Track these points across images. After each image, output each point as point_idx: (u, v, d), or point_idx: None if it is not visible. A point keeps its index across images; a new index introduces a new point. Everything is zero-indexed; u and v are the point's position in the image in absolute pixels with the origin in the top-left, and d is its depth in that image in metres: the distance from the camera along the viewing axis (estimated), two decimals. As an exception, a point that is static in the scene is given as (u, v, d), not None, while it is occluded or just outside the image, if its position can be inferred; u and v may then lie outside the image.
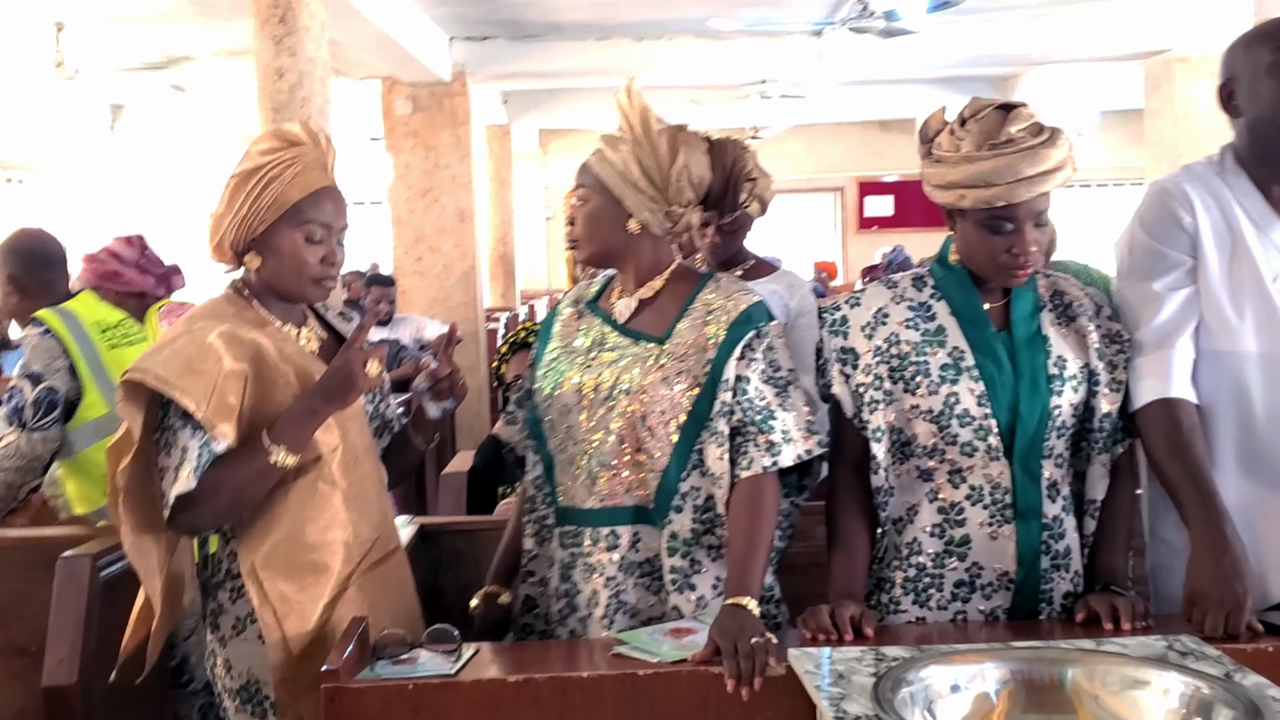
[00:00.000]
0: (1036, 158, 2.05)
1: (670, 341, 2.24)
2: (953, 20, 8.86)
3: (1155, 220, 2.25)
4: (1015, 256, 2.09)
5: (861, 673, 1.78)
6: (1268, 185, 2.21)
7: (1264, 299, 2.18)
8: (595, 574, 2.23)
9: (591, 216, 2.29)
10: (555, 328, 2.39)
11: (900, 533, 2.20)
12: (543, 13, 8.85)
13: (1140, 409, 2.17)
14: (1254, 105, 2.18)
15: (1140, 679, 1.72)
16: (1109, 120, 15.50)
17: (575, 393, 2.26)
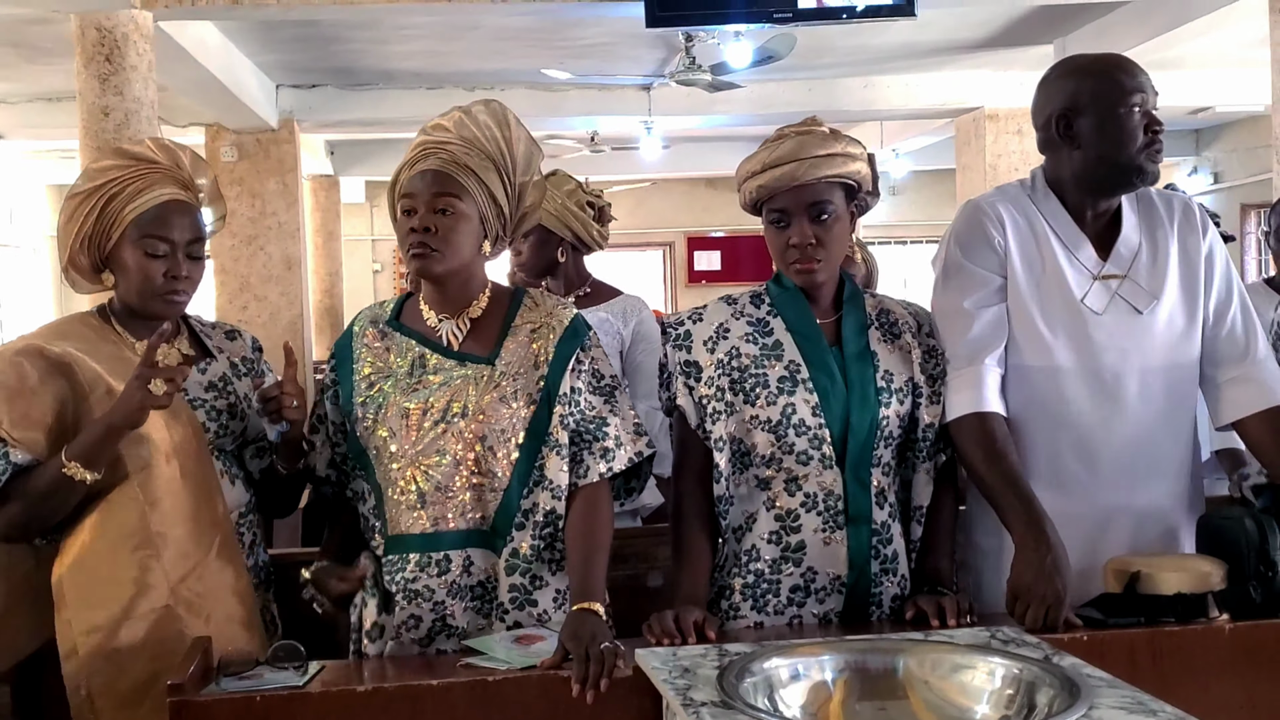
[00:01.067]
0: (804, 147, 2.23)
1: (500, 361, 2.24)
2: (775, 78, 9.20)
3: (968, 239, 2.38)
4: (795, 248, 2.23)
5: (706, 667, 1.83)
6: (1081, 209, 2.36)
7: (1075, 316, 2.32)
8: (419, 599, 2.19)
9: (459, 229, 2.22)
10: (358, 350, 2.30)
11: (740, 540, 2.28)
12: (375, 60, 8.86)
13: (954, 421, 2.29)
14: (1100, 141, 2.29)
15: (966, 664, 1.81)
16: (922, 178, 16.18)
17: (402, 417, 2.21)
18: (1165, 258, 2.35)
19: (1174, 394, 2.35)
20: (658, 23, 5.63)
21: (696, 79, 7.67)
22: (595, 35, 8.11)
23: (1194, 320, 2.36)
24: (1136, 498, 2.34)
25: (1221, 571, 2.14)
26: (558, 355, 2.24)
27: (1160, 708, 1.61)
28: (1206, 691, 2.04)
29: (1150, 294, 2.33)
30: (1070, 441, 2.33)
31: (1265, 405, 2.31)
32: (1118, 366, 2.31)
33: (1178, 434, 2.38)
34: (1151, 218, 2.39)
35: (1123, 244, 2.35)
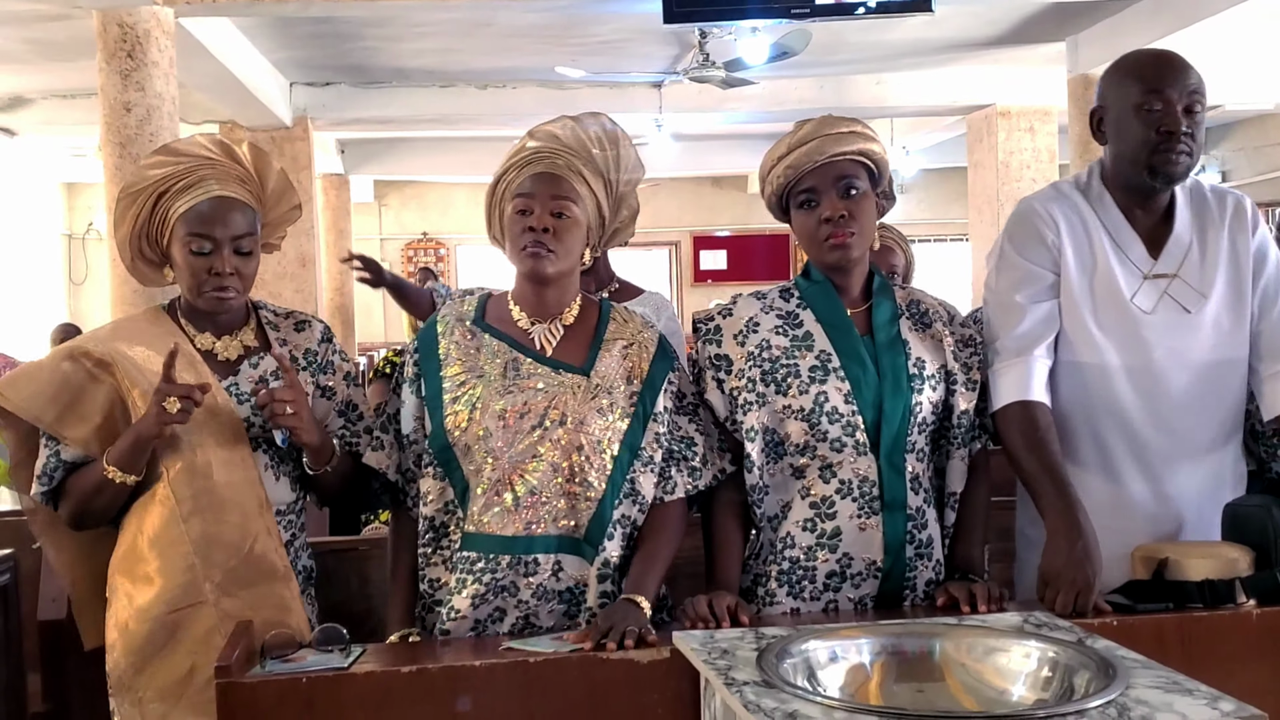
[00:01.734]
0: (826, 125, 2.30)
1: (595, 374, 2.26)
2: (787, 75, 9.21)
3: (1021, 237, 2.43)
4: (828, 223, 2.26)
5: (744, 648, 1.86)
6: (1130, 208, 2.40)
7: (1124, 315, 2.36)
8: (508, 596, 2.21)
9: (572, 233, 2.26)
10: (447, 348, 2.30)
11: (775, 529, 2.31)
12: (388, 59, 8.90)
13: (1000, 410, 2.33)
14: (1118, 139, 2.37)
15: (1002, 647, 1.84)
16: (931, 177, 16.20)
17: (499, 418, 2.21)
18: (1215, 256, 2.38)
19: (1220, 390, 2.39)
20: (675, 18, 5.66)
21: (710, 75, 7.70)
22: (608, 32, 8.14)
23: (1241, 318, 2.39)
24: (1178, 487, 2.38)
25: (1248, 558, 2.17)
26: (652, 374, 2.29)
27: (1195, 686, 1.64)
28: (1233, 676, 2.05)
29: (1199, 293, 2.36)
30: (1118, 436, 2.37)
31: None
32: (1166, 364, 2.35)
33: (1223, 429, 2.41)
34: (1204, 215, 2.42)
35: (1174, 243, 2.38)
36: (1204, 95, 2.32)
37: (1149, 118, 2.30)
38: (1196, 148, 2.31)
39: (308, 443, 2.29)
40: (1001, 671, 1.82)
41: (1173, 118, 2.29)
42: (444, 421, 2.25)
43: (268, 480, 2.36)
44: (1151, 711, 1.56)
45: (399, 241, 17.39)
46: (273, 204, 2.41)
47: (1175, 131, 2.28)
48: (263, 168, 2.39)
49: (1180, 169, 2.31)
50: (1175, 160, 2.29)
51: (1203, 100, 2.32)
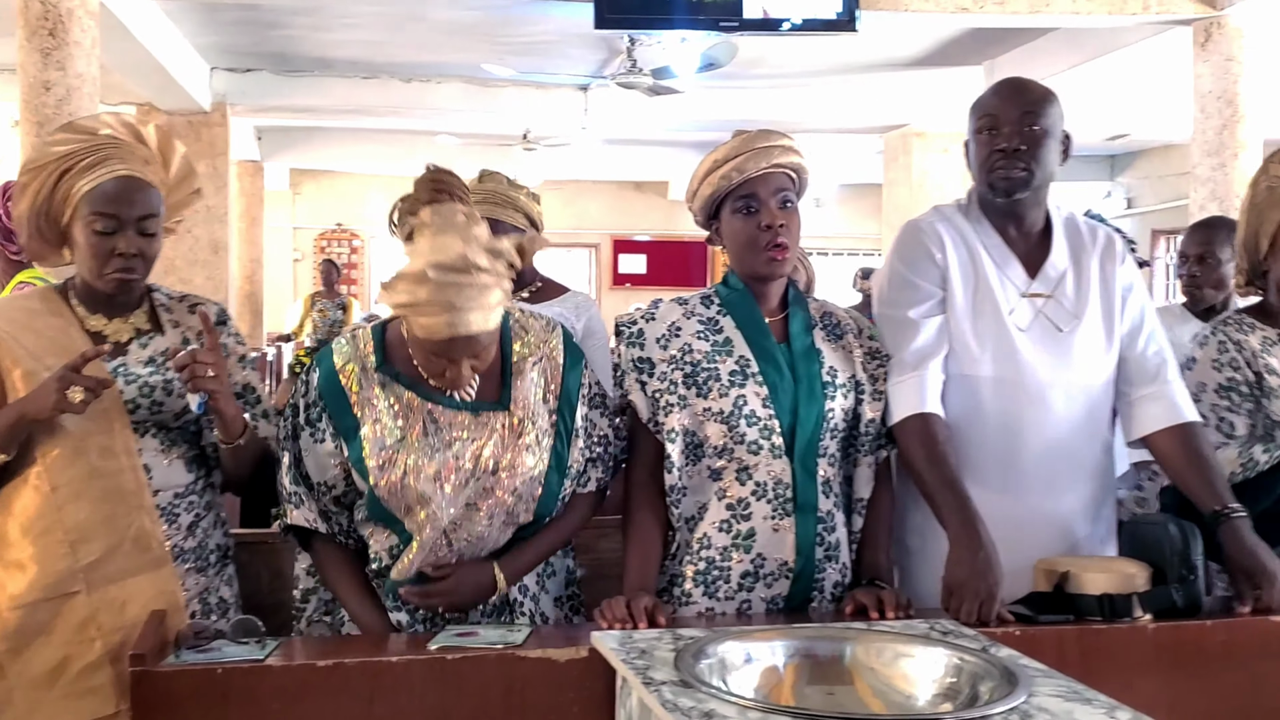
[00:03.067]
0: (767, 137, 2.37)
1: (514, 405, 2.25)
2: (712, 86, 9.29)
3: (910, 254, 2.52)
4: (768, 231, 2.32)
5: (661, 648, 1.89)
6: (1005, 229, 2.52)
7: (1001, 329, 2.46)
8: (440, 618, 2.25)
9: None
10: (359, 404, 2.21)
11: (692, 529, 2.35)
12: (312, 48, 8.82)
13: (898, 424, 2.40)
14: (972, 163, 2.52)
15: (909, 653, 1.90)
16: (847, 193, 16.42)
17: (434, 481, 2.18)
18: (1088, 282, 2.51)
19: (1090, 408, 2.49)
20: (606, 24, 5.70)
21: (637, 82, 7.74)
22: (538, 33, 8.15)
23: (1110, 342, 2.50)
24: (1055, 503, 2.47)
25: (1145, 574, 2.25)
26: (567, 387, 2.30)
27: (1094, 696, 1.70)
28: (1129, 688, 2.12)
29: (1072, 314, 2.48)
30: (996, 448, 2.46)
31: (1174, 421, 2.46)
32: (1040, 380, 2.45)
33: (1094, 444, 2.52)
34: (1077, 244, 2.54)
35: (1050, 265, 2.50)
36: (1043, 114, 2.43)
37: (986, 140, 2.45)
38: (1037, 164, 2.43)
39: (224, 409, 2.24)
40: (909, 677, 1.86)
41: (1005, 136, 2.42)
42: (376, 487, 2.20)
43: (159, 463, 2.31)
44: (1052, 719, 1.62)
45: (312, 231, 17.19)
46: (174, 186, 2.37)
47: (1007, 148, 2.41)
48: (167, 149, 2.35)
49: (1017, 182, 2.43)
50: (1009, 175, 2.42)
51: (1041, 119, 2.43)
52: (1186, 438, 2.44)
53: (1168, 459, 2.47)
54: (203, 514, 2.40)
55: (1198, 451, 2.43)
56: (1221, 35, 7.00)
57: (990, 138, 2.44)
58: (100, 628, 2.18)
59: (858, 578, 2.39)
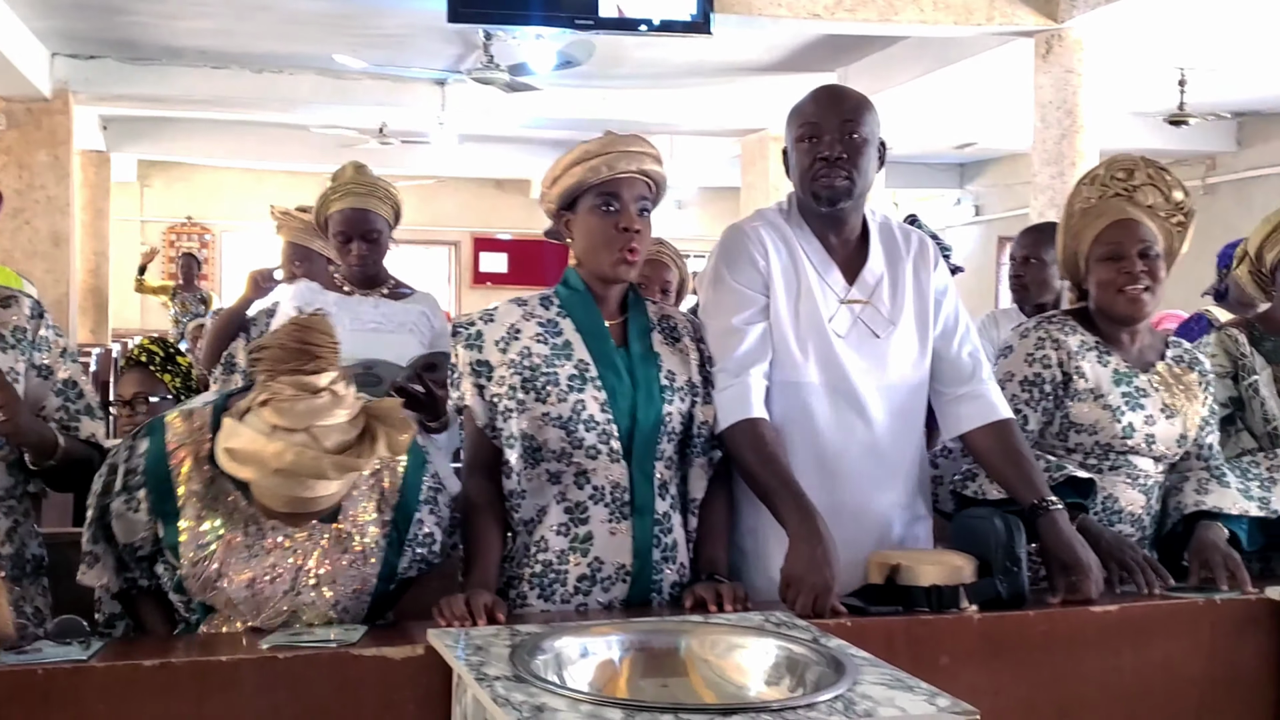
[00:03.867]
0: (638, 142, 2.37)
1: (341, 516, 2.17)
2: (571, 84, 9.30)
3: (734, 260, 2.55)
4: (624, 233, 2.33)
5: (498, 645, 1.89)
6: (825, 235, 2.56)
7: (823, 337, 2.51)
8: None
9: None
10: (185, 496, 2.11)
11: (531, 533, 2.35)
12: (160, 35, 8.58)
13: (726, 430, 2.42)
14: (793, 172, 2.55)
15: (742, 644, 1.93)
16: (707, 195, 16.59)
17: (247, 588, 2.11)
18: (903, 287, 2.57)
19: (907, 409, 2.57)
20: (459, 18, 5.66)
21: (494, 78, 7.71)
22: (392, 26, 8.06)
23: (925, 345, 2.58)
24: (875, 500, 2.54)
25: (972, 566, 2.33)
26: (402, 503, 2.22)
27: (916, 684, 1.75)
28: (955, 677, 2.19)
29: (889, 320, 2.54)
30: (817, 450, 2.50)
31: (989, 419, 2.54)
32: (859, 385, 2.51)
33: (910, 444, 2.60)
34: (893, 249, 2.60)
35: (868, 272, 2.56)
36: (862, 122, 2.48)
37: (808, 149, 2.48)
38: (857, 172, 2.47)
39: (24, 443, 2.17)
40: (741, 667, 1.90)
41: (826, 144, 2.46)
42: (185, 577, 2.12)
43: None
44: (874, 706, 1.66)
45: (161, 224, 16.71)
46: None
47: (829, 157, 2.45)
48: None
49: (840, 190, 2.47)
50: (832, 183, 2.46)
51: (860, 127, 2.47)
52: (1003, 435, 2.52)
53: (985, 456, 2.55)
54: (21, 520, 2.33)
55: (1015, 448, 2.51)
56: (1062, 47, 7.25)
57: (811, 146, 2.47)
58: None
59: (696, 574, 2.41)
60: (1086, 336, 2.75)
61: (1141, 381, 2.71)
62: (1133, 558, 2.49)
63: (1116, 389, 2.68)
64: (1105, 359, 2.72)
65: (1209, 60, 8.78)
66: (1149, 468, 2.71)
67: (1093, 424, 2.67)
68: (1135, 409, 2.67)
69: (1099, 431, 2.67)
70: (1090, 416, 2.67)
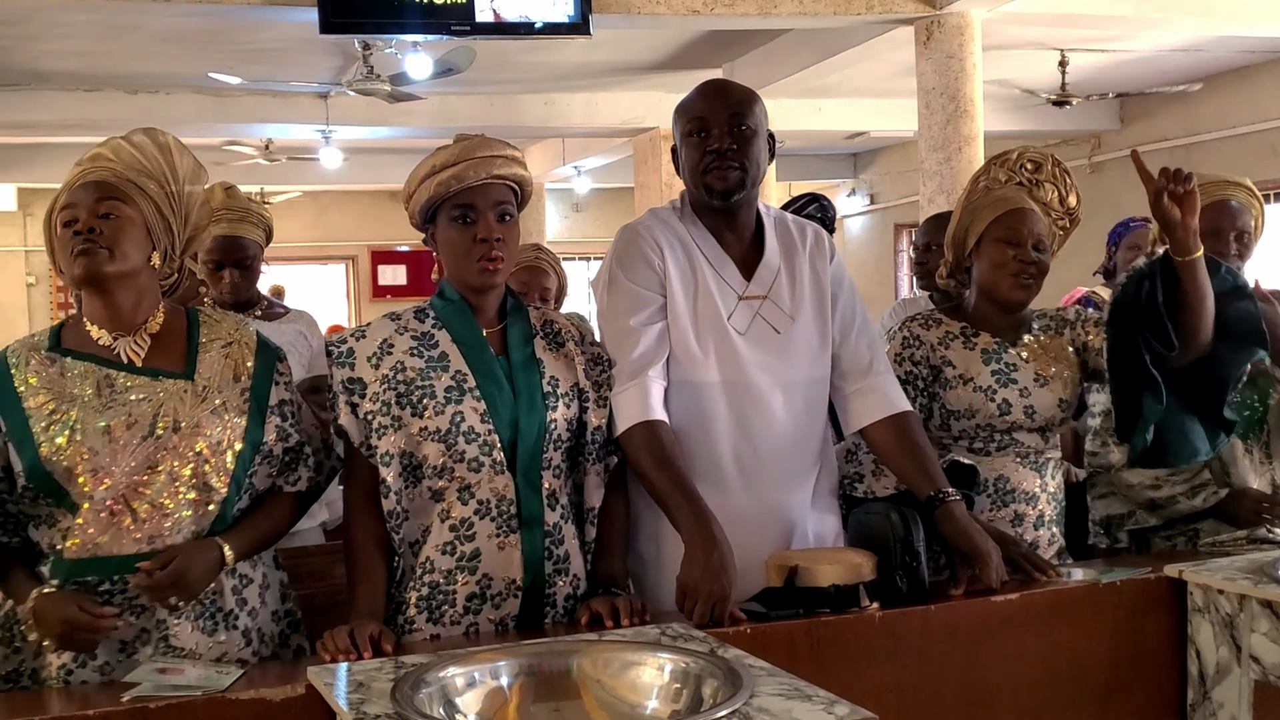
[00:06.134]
0: (489, 146, 2.30)
1: (199, 376, 2.20)
2: (456, 91, 9.19)
3: (629, 261, 2.49)
4: (483, 243, 2.26)
5: (381, 680, 1.81)
6: (720, 231, 2.51)
7: (722, 334, 2.46)
8: (145, 614, 2.13)
9: (126, 232, 2.16)
10: (21, 379, 2.16)
11: (415, 554, 2.26)
12: (24, 59, 8.30)
13: (624, 433, 2.36)
14: (683, 169, 2.50)
15: (637, 661, 1.87)
16: (602, 196, 16.55)
17: (103, 435, 2.11)
18: (801, 281, 2.53)
19: (810, 405, 2.53)
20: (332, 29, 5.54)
21: (375, 89, 7.58)
22: (267, 40, 7.88)
23: (825, 339, 2.54)
24: (781, 498, 2.49)
25: (872, 563, 2.29)
26: (258, 368, 2.26)
27: (815, 692, 1.70)
28: (861, 676, 2.17)
29: (788, 315, 2.50)
30: (722, 449, 2.46)
31: (887, 413, 2.51)
32: (761, 382, 2.46)
33: (814, 440, 2.56)
34: (788, 243, 2.56)
35: (764, 267, 2.51)
36: (750, 113, 2.45)
37: (697, 143, 2.44)
38: (749, 162, 2.43)
39: None
40: (635, 686, 1.84)
41: (714, 138, 2.42)
42: (39, 451, 2.11)
43: None
44: (771, 719, 1.60)
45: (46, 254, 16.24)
46: None
47: (719, 150, 2.41)
48: None
49: (731, 183, 2.43)
50: (725, 176, 2.42)
51: (748, 119, 2.44)
52: (900, 428, 2.49)
53: (883, 449, 2.52)
54: None
55: (912, 440, 2.48)
56: (942, 33, 7.30)
57: (700, 140, 2.43)
58: None
59: (593, 587, 2.34)
60: (951, 325, 2.77)
61: (1010, 356, 2.73)
62: (1015, 552, 2.48)
63: (986, 369, 2.70)
64: (971, 341, 2.74)
65: (1088, 41, 8.92)
66: (1035, 442, 2.72)
67: (968, 408, 2.68)
68: (1007, 384, 2.69)
69: (976, 414, 2.68)
70: (964, 401, 2.69)
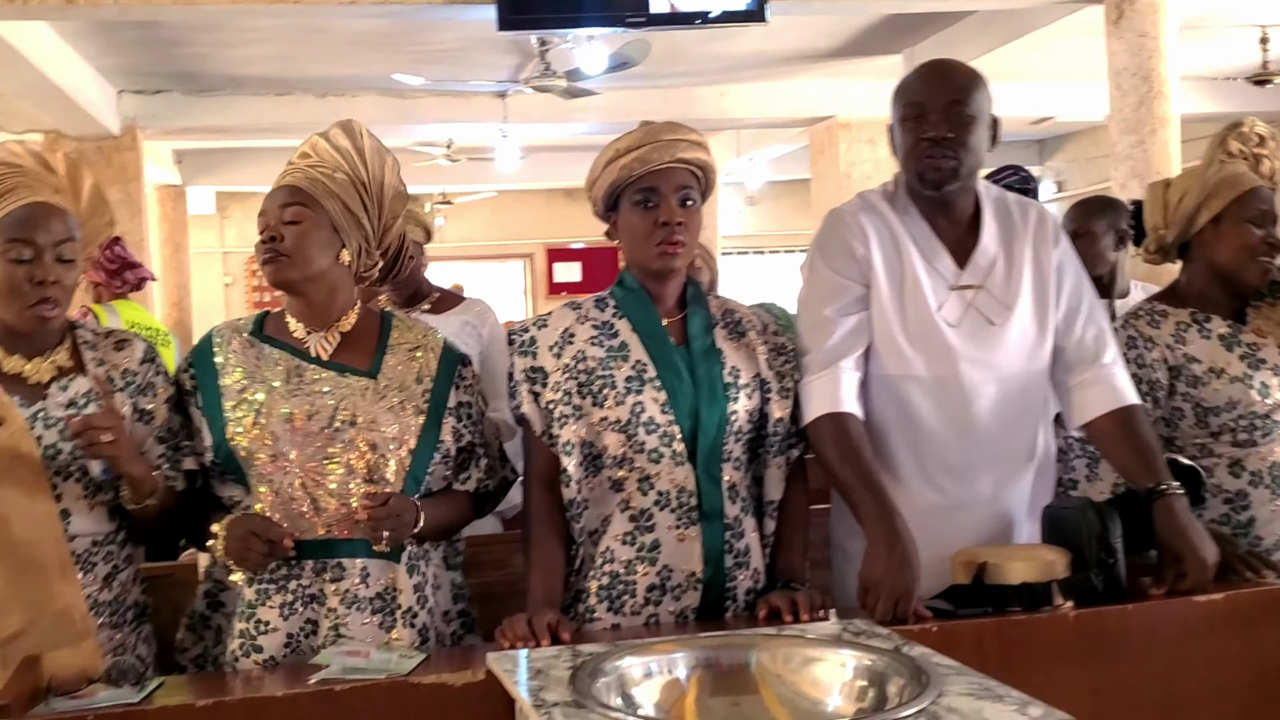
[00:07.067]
0: (674, 130, 2.28)
1: (381, 376, 2.27)
2: (631, 86, 9.22)
3: (831, 249, 2.42)
4: (664, 227, 2.23)
5: (559, 667, 1.80)
6: (934, 217, 2.41)
7: (931, 327, 2.36)
8: (317, 605, 2.18)
9: (309, 237, 2.23)
10: (225, 357, 2.28)
11: (595, 543, 2.26)
12: (220, 66, 8.64)
13: (811, 423, 2.31)
14: (898, 152, 2.41)
15: (818, 657, 1.82)
16: (776, 189, 16.40)
17: (285, 422, 2.19)
18: (1020, 268, 2.40)
19: (1026, 400, 2.41)
20: (509, 26, 5.61)
21: (551, 85, 7.66)
22: (448, 40, 8.03)
23: (1045, 330, 2.41)
24: (990, 495, 2.40)
25: (1065, 560, 2.19)
26: (442, 371, 2.32)
27: (1007, 692, 1.62)
28: (1052, 677, 2.08)
29: (1004, 305, 2.38)
30: (929, 445, 2.38)
31: (1113, 406, 2.37)
32: (973, 377, 2.36)
33: (1029, 437, 2.44)
34: (1009, 227, 2.43)
35: (980, 254, 2.39)
36: (970, 99, 2.34)
37: (912, 127, 2.35)
38: (965, 151, 2.33)
39: (128, 473, 2.12)
40: (817, 682, 1.79)
41: (931, 124, 2.32)
42: (225, 429, 2.21)
43: (81, 510, 2.18)
44: (961, 719, 1.54)
45: (243, 255, 16.91)
46: (87, 217, 2.27)
47: (935, 137, 2.31)
48: (77, 178, 2.26)
49: (945, 172, 2.33)
50: (938, 164, 2.32)
51: (968, 105, 2.33)
52: (1125, 420, 2.36)
53: (1105, 442, 2.40)
54: (121, 566, 2.26)
55: (1137, 433, 2.35)
56: (1134, 11, 6.99)
57: (916, 125, 2.33)
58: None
59: (772, 581, 2.30)
60: (1178, 314, 2.60)
61: (1247, 336, 2.57)
62: (1234, 554, 2.34)
63: (1233, 355, 2.54)
64: (1205, 329, 2.57)
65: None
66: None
67: (1229, 401, 2.52)
68: (1258, 367, 2.54)
69: (1237, 405, 2.51)
70: (1223, 395, 2.52)
